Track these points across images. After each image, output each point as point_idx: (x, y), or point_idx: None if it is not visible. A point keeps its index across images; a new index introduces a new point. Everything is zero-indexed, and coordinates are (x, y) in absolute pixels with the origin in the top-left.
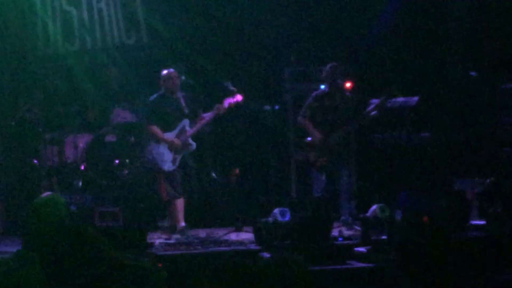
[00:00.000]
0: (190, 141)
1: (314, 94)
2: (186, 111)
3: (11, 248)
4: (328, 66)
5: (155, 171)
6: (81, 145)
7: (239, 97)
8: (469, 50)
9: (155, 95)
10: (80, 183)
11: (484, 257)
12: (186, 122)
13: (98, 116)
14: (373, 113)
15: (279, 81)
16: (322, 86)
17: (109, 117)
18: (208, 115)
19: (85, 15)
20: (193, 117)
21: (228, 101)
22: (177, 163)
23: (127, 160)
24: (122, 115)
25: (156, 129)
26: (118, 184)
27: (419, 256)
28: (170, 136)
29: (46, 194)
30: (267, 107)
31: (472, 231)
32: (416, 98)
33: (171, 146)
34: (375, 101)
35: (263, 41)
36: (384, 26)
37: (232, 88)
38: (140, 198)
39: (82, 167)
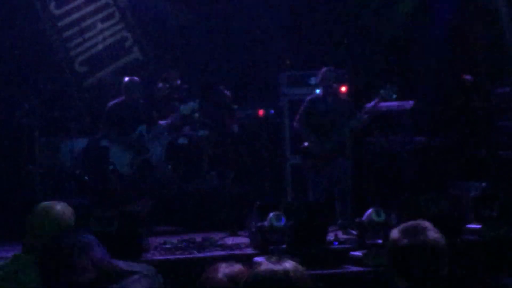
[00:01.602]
0: (147, 145)
1: (308, 98)
2: (144, 117)
3: (6, 253)
4: (322, 70)
5: (116, 174)
6: (76, 149)
7: (194, 105)
8: (464, 53)
9: (114, 101)
10: (76, 188)
11: (480, 261)
12: (143, 127)
13: (93, 121)
14: (366, 115)
15: (274, 85)
16: (318, 91)
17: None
18: (163, 123)
19: (88, 10)
20: (150, 123)
21: (182, 110)
22: (134, 167)
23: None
24: None
25: (112, 134)
26: (114, 189)
27: (414, 259)
28: (129, 140)
29: (56, 202)
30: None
31: (468, 235)
32: (411, 102)
33: (129, 150)
34: (370, 105)
35: (259, 45)
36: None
37: (226, 91)
38: (135, 202)
39: (78, 172)
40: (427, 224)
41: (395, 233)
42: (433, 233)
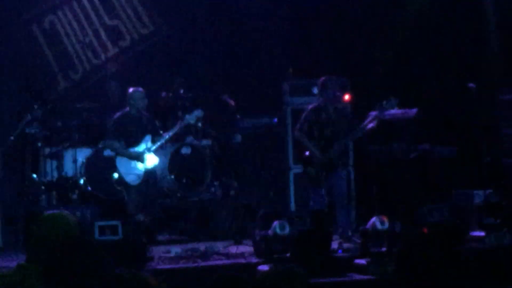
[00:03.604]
0: (153, 155)
1: (310, 107)
2: (149, 128)
3: (10, 262)
4: (322, 79)
5: (121, 185)
6: (80, 159)
7: (199, 113)
8: (468, 61)
9: (119, 113)
10: (79, 197)
11: (484, 269)
12: (148, 137)
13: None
14: (370, 125)
15: (277, 94)
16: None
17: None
18: (168, 134)
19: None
20: (155, 134)
21: (187, 119)
22: (141, 177)
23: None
24: None
25: (117, 145)
26: (117, 198)
27: (419, 267)
28: (134, 151)
29: (60, 212)
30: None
31: (471, 243)
32: (414, 110)
33: (136, 161)
34: (373, 113)
35: (262, 54)
36: None
37: (230, 101)
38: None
39: (81, 182)
40: (435, 233)
41: (404, 241)
42: (441, 243)
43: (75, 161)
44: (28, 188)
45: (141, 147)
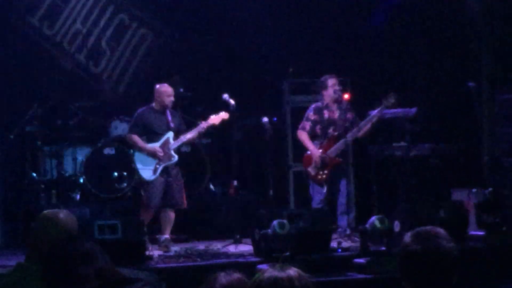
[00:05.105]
0: (173, 153)
1: (313, 106)
2: (172, 125)
3: (9, 261)
4: (324, 78)
5: (137, 180)
6: (79, 158)
7: (224, 115)
8: (468, 60)
9: (144, 108)
10: (79, 196)
11: (483, 268)
12: (170, 134)
13: (97, 129)
14: (367, 125)
15: (277, 93)
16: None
17: (107, 130)
18: (191, 134)
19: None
20: (179, 132)
21: (212, 119)
22: (158, 173)
23: (125, 173)
24: (120, 127)
25: (136, 138)
26: (117, 197)
27: (424, 266)
28: (153, 146)
29: (59, 210)
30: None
31: (471, 242)
32: (414, 109)
33: (153, 156)
34: (373, 112)
35: (262, 53)
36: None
37: (230, 100)
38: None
39: (81, 180)
40: (441, 231)
41: (407, 238)
42: (446, 241)
43: (74, 159)
44: (27, 186)
45: (160, 143)
